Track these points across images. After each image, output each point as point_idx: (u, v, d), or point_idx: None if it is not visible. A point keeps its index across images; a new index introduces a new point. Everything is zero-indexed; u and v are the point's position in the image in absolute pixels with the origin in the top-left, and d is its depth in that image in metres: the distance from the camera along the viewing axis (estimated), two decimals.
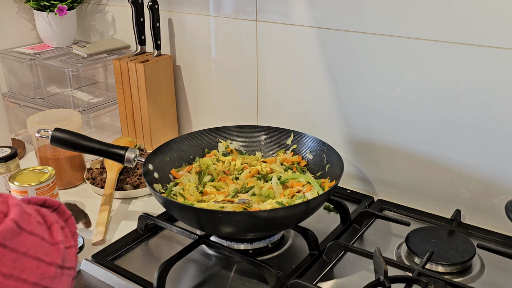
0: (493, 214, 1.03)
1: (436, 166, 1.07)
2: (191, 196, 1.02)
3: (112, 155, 1.06)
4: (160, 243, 1.02)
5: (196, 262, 0.96)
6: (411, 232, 0.99)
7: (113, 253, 0.98)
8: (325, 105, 1.18)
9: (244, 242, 0.97)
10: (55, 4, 1.46)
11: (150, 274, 0.90)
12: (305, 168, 1.12)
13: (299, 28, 1.15)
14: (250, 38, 1.24)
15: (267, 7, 1.19)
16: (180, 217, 0.93)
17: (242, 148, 1.19)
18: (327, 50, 1.13)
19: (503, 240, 1.00)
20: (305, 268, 0.92)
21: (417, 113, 1.06)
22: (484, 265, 0.93)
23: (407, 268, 0.88)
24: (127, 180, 1.22)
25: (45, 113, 1.27)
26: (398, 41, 1.03)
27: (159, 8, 1.34)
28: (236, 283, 0.90)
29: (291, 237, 1.03)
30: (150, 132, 1.38)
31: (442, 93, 1.01)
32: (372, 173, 1.18)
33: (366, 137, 1.15)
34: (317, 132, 1.17)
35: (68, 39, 1.56)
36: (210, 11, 1.30)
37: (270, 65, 1.24)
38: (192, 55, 1.38)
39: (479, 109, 0.98)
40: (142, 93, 1.34)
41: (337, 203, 1.06)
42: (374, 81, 1.09)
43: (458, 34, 0.96)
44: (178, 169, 1.12)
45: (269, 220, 0.89)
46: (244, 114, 1.33)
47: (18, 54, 1.51)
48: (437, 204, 1.09)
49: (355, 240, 1.02)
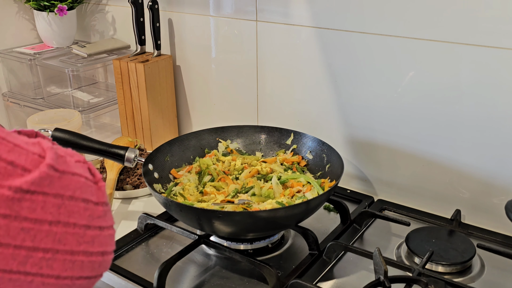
0: (493, 214, 1.03)
1: (436, 166, 1.07)
2: (191, 196, 1.02)
3: (112, 155, 1.06)
4: (160, 243, 1.02)
5: (196, 262, 0.96)
6: (411, 232, 0.99)
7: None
8: (325, 105, 1.18)
9: (244, 242, 0.97)
10: (55, 4, 1.46)
11: (150, 274, 0.90)
12: (305, 168, 1.12)
13: (299, 28, 1.15)
14: (250, 38, 1.24)
15: (267, 7, 1.19)
16: (180, 217, 0.93)
17: (242, 148, 1.19)
18: (327, 50, 1.13)
19: (503, 240, 1.00)
20: (305, 268, 0.92)
21: (417, 113, 1.06)
22: (484, 265, 0.93)
23: (407, 268, 0.88)
24: (127, 180, 1.22)
25: (45, 113, 1.27)
26: (398, 41, 1.03)
27: (159, 8, 1.34)
28: (236, 283, 0.90)
29: (291, 237, 1.03)
30: (150, 132, 1.38)
31: (442, 93, 1.01)
32: (372, 173, 1.18)
33: (366, 137, 1.15)
34: (317, 132, 1.17)
35: (68, 39, 1.56)
36: (210, 11, 1.30)
37: (270, 65, 1.24)
38: (192, 55, 1.38)
39: (479, 109, 0.98)
40: (142, 93, 1.34)
41: (337, 203, 1.06)
42: (374, 81, 1.09)
43: (458, 34, 0.96)
44: (178, 169, 1.12)
45: (269, 220, 0.89)
46: (244, 114, 1.33)
47: (18, 54, 1.51)
48: (437, 204, 1.09)
49: (355, 240, 1.02)
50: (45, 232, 0.38)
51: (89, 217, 0.41)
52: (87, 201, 0.41)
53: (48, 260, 0.38)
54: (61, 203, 0.39)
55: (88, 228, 0.41)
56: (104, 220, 0.43)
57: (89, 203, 0.41)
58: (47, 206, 0.38)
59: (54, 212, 0.38)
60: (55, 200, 0.39)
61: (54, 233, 0.38)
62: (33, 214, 0.37)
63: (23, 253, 0.36)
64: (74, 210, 0.40)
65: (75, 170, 0.41)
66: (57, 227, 0.38)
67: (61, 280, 0.39)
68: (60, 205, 0.39)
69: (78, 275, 0.40)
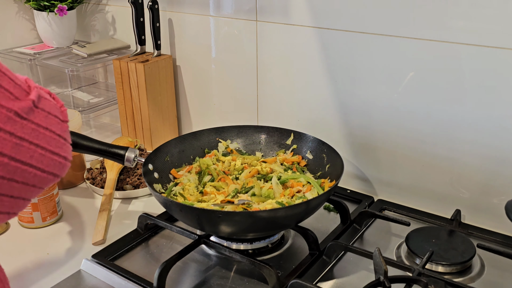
0: (493, 214, 1.03)
1: (436, 166, 1.07)
2: (191, 196, 1.02)
3: (112, 155, 1.06)
4: (160, 243, 1.02)
5: (196, 262, 0.96)
6: (411, 232, 0.99)
7: (113, 253, 0.98)
8: (325, 105, 1.18)
9: (244, 242, 0.97)
10: (55, 4, 1.46)
11: (150, 274, 0.90)
12: (305, 168, 1.12)
13: (299, 28, 1.15)
14: (250, 38, 1.24)
15: (267, 7, 1.19)
16: (180, 217, 0.93)
17: (242, 148, 1.19)
18: (327, 50, 1.13)
19: (503, 240, 0.99)
20: (305, 268, 0.92)
21: (417, 113, 1.06)
22: (484, 265, 0.93)
23: (407, 268, 0.88)
24: (127, 180, 1.22)
25: None
26: (398, 41, 1.03)
27: (159, 8, 1.34)
28: (236, 283, 0.90)
29: (291, 237, 1.03)
30: (150, 132, 1.38)
31: (442, 93, 1.01)
32: (372, 173, 1.18)
33: (366, 137, 1.15)
34: (317, 132, 1.17)
35: (68, 39, 1.56)
36: (210, 11, 1.30)
37: (270, 65, 1.24)
38: (192, 55, 1.38)
39: (479, 109, 0.98)
40: (142, 93, 1.34)
41: (337, 203, 1.06)
42: (374, 81, 1.09)
43: (458, 34, 0.96)
44: (178, 169, 1.12)
45: (269, 220, 0.89)
46: (244, 114, 1.33)
47: (18, 54, 1.51)
48: (437, 204, 1.09)
49: (355, 240, 1.02)
50: (36, 131, 0.52)
51: (60, 129, 0.56)
52: (58, 119, 0.57)
53: (34, 152, 0.52)
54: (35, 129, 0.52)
55: (60, 137, 0.56)
56: (67, 134, 0.58)
57: (59, 122, 0.56)
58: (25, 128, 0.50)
59: (42, 121, 0.53)
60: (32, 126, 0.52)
61: (42, 133, 0.53)
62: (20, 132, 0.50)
63: (14, 141, 0.49)
64: (52, 122, 0.55)
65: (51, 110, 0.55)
66: (45, 131, 0.53)
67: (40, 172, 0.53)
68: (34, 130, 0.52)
69: (50, 170, 0.55)
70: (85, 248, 1.01)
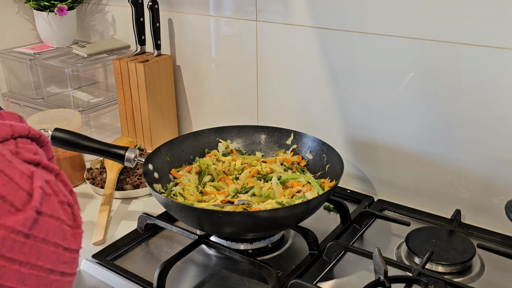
0: (493, 214, 1.03)
1: (436, 166, 1.07)
2: (191, 196, 1.02)
3: (112, 155, 1.06)
4: (160, 243, 1.02)
5: (196, 262, 0.96)
6: (411, 232, 0.99)
7: (113, 253, 0.98)
8: (325, 105, 1.18)
9: (244, 242, 0.97)
10: (55, 4, 1.46)
11: (150, 274, 0.90)
12: (305, 168, 1.12)
13: (299, 28, 1.15)
14: (250, 38, 1.24)
15: (267, 7, 1.19)
16: (180, 217, 0.93)
17: (242, 148, 1.19)
18: (327, 50, 1.13)
19: (503, 240, 0.99)
20: (305, 268, 0.92)
21: (417, 113, 1.06)
22: (484, 265, 0.93)
23: (407, 268, 0.88)
24: (127, 180, 1.22)
25: (45, 113, 1.27)
26: (398, 41, 1.03)
27: (159, 8, 1.34)
28: (236, 283, 0.90)
29: (291, 237, 1.03)
30: (150, 132, 1.38)
31: (442, 93, 1.01)
32: (372, 173, 1.18)
33: (366, 137, 1.15)
34: (317, 132, 1.17)
35: (68, 39, 1.56)
36: (210, 11, 1.30)
37: (270, 65, 1.24)
38: (192, 55, 1.38)
39: (479, 109, 0.98)
40: (142, 93, 1.34)
41: (337, 203, 1.06)
42: (374, 81, 1.09)
43: (458, 34, 0.96)
44: (178, 169, 1.12)
45: (269, 220, 0.89)
46: (244, 114, 1.33)
47: (18, 54, 1.51)
48: (437, 204, 1.09)
49: (355, 240, 1.02)
50: (14, 271, 0.38)
51: (55, 261, 0.42)
52: (57, 245, 0.42)
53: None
54: (34, 244, 0.40)
55: (51, 272, 0.41)
56: (68, 266, 0.44)
57: (58, 247, 0.42)
58: (24, 247, 0.39)
59: (26, 252, 0.39)
60: (30, 241, 0.39)
61: (21, 273, 0.39)
62: (10, 253, 0.38)
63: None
64: (43, 252, 0.41)
65: (54, 213, 0.42)
66: (26, 268, 0.39)
67: None
68: (33, 246, 0.40)
69: None
70: (85, 248, 1.00)
